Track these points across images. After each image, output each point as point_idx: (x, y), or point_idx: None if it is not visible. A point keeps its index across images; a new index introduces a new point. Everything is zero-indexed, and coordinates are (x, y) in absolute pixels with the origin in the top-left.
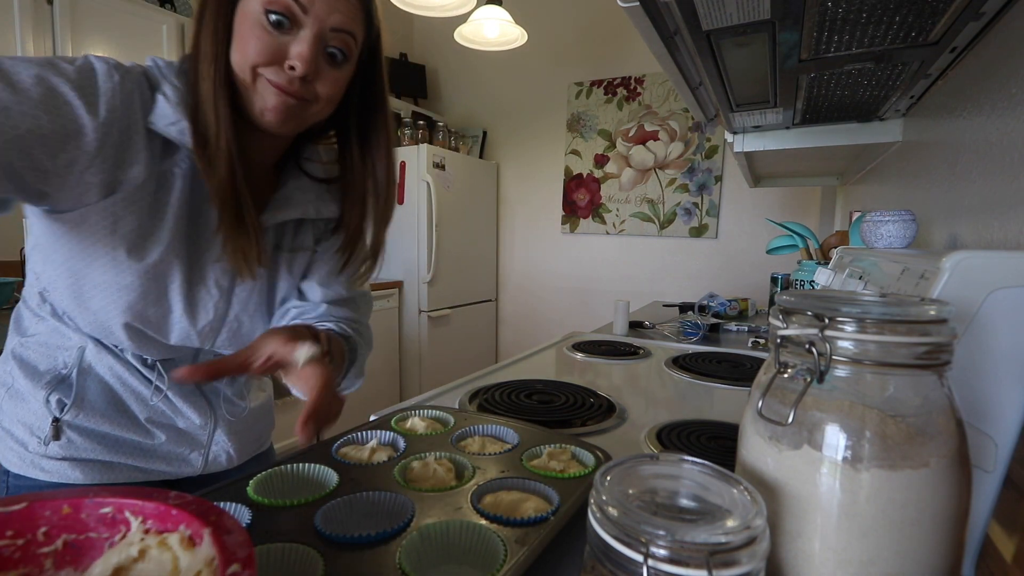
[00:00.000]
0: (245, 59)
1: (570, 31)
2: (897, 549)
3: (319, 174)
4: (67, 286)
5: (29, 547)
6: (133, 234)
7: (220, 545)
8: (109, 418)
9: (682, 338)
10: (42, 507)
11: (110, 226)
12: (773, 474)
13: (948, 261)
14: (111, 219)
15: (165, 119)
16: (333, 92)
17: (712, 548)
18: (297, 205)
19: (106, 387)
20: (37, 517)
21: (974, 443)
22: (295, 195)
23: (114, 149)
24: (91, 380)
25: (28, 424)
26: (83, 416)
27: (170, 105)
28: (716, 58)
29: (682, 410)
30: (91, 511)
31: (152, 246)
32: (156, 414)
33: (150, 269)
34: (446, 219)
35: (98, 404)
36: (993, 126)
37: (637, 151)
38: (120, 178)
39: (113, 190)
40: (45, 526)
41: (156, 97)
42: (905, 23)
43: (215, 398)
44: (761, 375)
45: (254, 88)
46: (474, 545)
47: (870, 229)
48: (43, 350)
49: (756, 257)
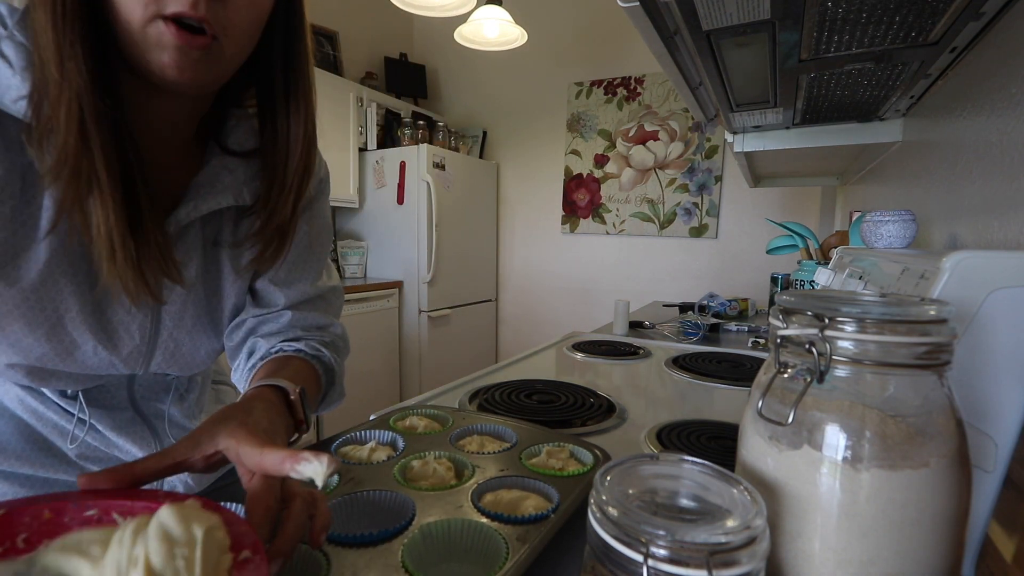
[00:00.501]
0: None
1: (570, 31)
2: (897, 549)
3: (245, 145)
4: None
5: (7, 555)
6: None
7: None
8: (28, 459)
9: (682, 338)
10: (20, 514)
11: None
12: (773, 474)
13: (948, 261)
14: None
15: (10, 92)
16: (249, 20)
17: (712, 548)
18: (225, 190)
19: (20, 424)
20: (16, 524)
21: (974, 443)
22: (221, 177)
23: None
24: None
25: None
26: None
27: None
28: (716, 58)
29: (682, 410)
30: (74, 515)
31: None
32: (88, 449)
33: (30, 295)
34: (446, 219)
35: (11, 444)
36: (993, 126)
37: (637, 151)
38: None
39: None
40: (25, 533)
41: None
42: (905, 23)
43: (159, 423)
44: (761, 375)
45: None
46: (476, 543)
47: (870, 229)
48: None
49: (756, 257)
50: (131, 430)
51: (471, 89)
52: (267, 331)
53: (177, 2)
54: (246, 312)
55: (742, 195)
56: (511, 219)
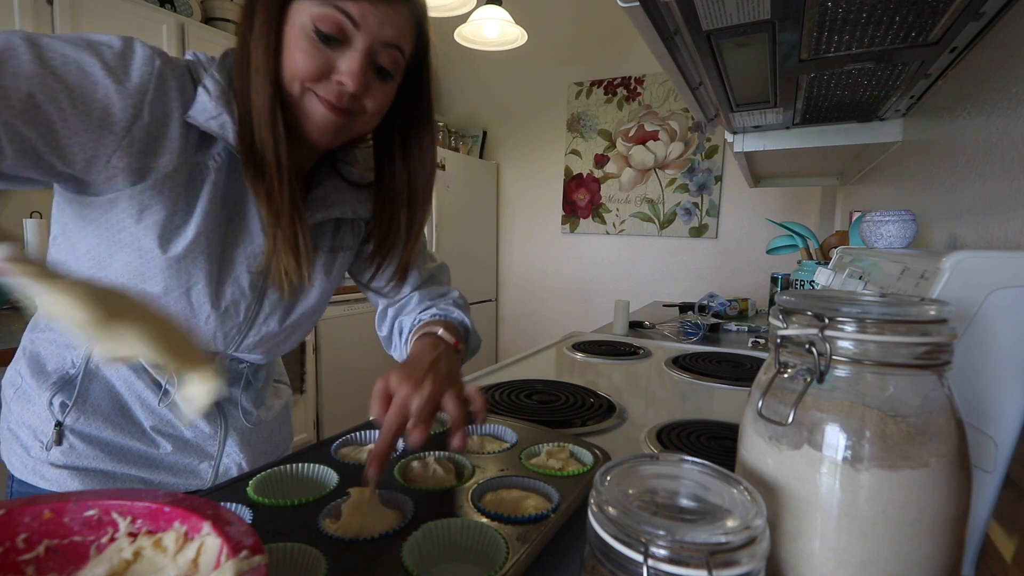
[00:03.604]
0: (294, 74)
1: (570, 31)
2: (897, 549)
3: (354, 178)
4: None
5: (8, 555)
6: (159, 225)
7: (224, 535)
8: (112, 423)
9: (682, 338)
10: (21, 513)
11: (136, 214)
12: (773, 474)
13: (948, 261)
14: (138, 207)
15: (205, 113)
16: (380, 106)
17: (712, 548)
18: (334, 205)
19: (111, 390)
20: (16, 524)
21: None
22: (331, 195)
23: (144, 134)
24: (96, 382)
25: (32, 427)
26: (84, 420)
27: (211, 99)
28: (716, 58)
29: (682, 410)
30: (74, 515)
31: (177, 239)
32: (161, 423)
33: (174, 263)
34: (446, 219)
35: (101, 408)
36: (993, 126)
37: (637, 151)
38: (151, 165)
39: (143, 177)
40: (25, 532)
41: (197, 90)
42: (905, 23)
43: (228, 405)
44: (761, 375)
45: (301, 103)
46: (476, 543)
47: (870, 229)
48: (53, 348)
49: (756, 257)
50: None
51: (471, 89)
52: (406, 312)
53: (326, 91)
54: (383, 302)
55: (742, 195)
56: (511, 219)
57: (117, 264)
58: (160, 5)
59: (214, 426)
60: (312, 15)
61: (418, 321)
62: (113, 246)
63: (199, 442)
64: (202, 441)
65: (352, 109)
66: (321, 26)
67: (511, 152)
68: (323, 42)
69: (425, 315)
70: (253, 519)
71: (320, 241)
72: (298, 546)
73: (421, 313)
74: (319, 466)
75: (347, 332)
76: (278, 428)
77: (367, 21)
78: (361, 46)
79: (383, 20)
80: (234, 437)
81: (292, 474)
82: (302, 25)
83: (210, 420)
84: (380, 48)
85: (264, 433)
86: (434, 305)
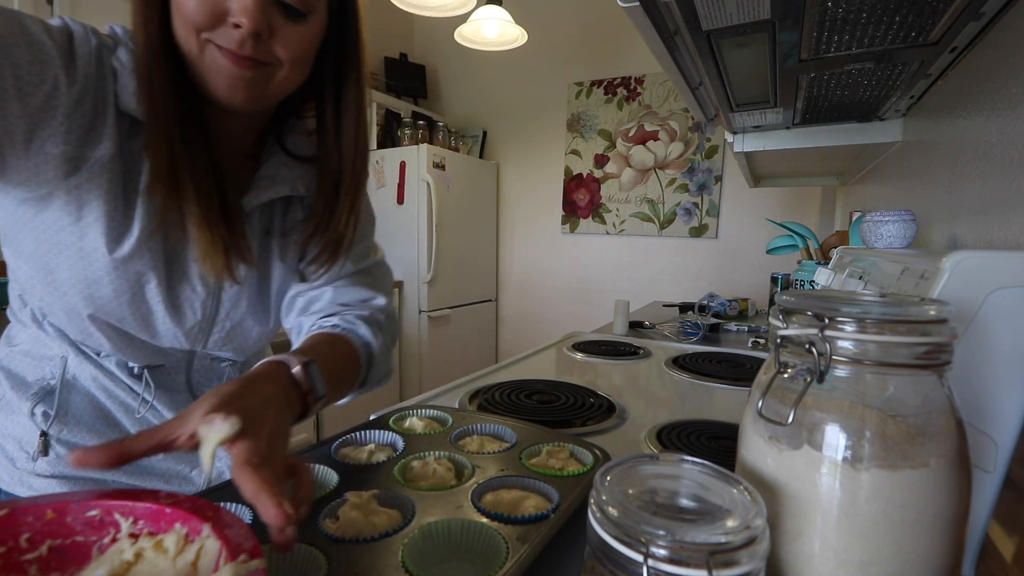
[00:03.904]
0: (185, 24)
1: (570, 31)
2: (897, 549)
3: (303, 151)
4: (41, 281)
5: (11, 555)
6: (100, 223)
7: (223, 538)
8: (97, 432)
9: (682, 338)
10: (24, 513)
11: (75, 211)
12: (773, 474)
13: (948, 261)
14: (76, 203)
15: (126, 89)
16: (297, 53)
17: (712, 548)
18: (282, 183)
19: (92, 399)
20: (19, 524)
21: (974, 443)
22: (280, 172)
23: (83, 120)
24: (76, 392)
25: (17, 438)
26: (69, 430)
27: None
28: (716, 58)
29: (682, 410)
30: (77, 515)
31: (122, 238)
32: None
33: (120, 264)
34: (446, 219)
35: (84, 417)
36: (993, 126)
37: (637, 151)
38: (87, 155)
39: (77, 168)
40: (28, 532)
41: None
42: (905, 23)
43: None
44: (761, 375)
45: (202, 60)
46: (476, 543)
47: (870, 229)
48: (28, 360)
49: (756, 257)
50: None
51: (471, 89)
52: (312, 310)
53: (225, 39)
54: (293, 288)
55: (742, 195)
56: (511, 219)
57: (60, 268)
58: None
59: None
60: None
61: (315, 328)
62: (53, 248)
63: None
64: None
65: (260, 59)
66: None
67: (511, 152)
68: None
69: (326, 323)
70: (253, 520)
71: (271, 223)
72: (298, 546)
73: (323, 319)
74: (319, 466)
75: None
76: None
77: None
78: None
79: None
80: None
81: None
82: None
83: None
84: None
85: None
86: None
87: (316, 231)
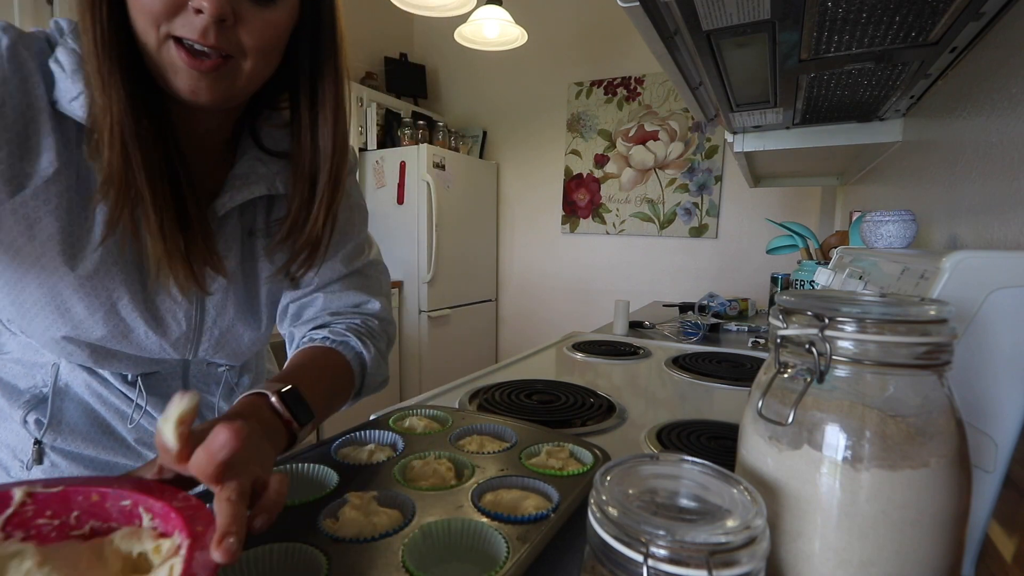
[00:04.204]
0: (144, 13)
1: (570, 31)
2: (897, 549)
3: (279, 146)
4: (10, 303)
5: (63, 528)
6: (57, 239)
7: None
8: (93, 440)
9: (682, 338)
10: (75, 492)
11: (26, 231)
12: (773, 474)
13: (948, 261)
14: (25, 222)
15: (67, 94)
16: (265, 41)
17: (712, 548)
18: (258, 181)
19: (85, 407)
20: (71, 501)
21: (974, 443)
22: (255, 169)
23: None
24: (69, 399)
25: (11, 446)
26: (63, 439)
27: (67, 75)
28: (716, 58)
29: (682, 410)
30: (114, 502)
31: (84, 253)
32: (147, 435)
33: (87, 281)
34: (446, 219)
35: (79, 425)
36: (993, 126)
37: (637, 151)
38: (27, 170)
39: (21, 186)
40: (77, 511)
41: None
42: (905, 23)
43: (209, 414)
44: (761, 375)
45: (161, 54)
46: (476, 543)
47: (870, 229)
48: (19, 368)
49: (756, 257)
50: None
51: (471, 89)
52: (304, 318)
53: (186, 28)
54: (285, 296)
55: (742, 195)
56: (511, 219)
57: (31, 287)
58: None
59: None
60: None
61: (305, 341)
62: (19, 268)
63: None
64: None
65: (224, 50)
66: None
67: (511, 152)
68: None
69: (316, 335)
70: None
71: (253, 223)
72: (298, 546)
73: (313, 330)
74: (319, 466)
75: None
76: None
77: None
78: None
79: None
80: None
81: (292, 474)
82: None
83: None
84: None
85: None
86: (331, 324)
87: (291, 233)
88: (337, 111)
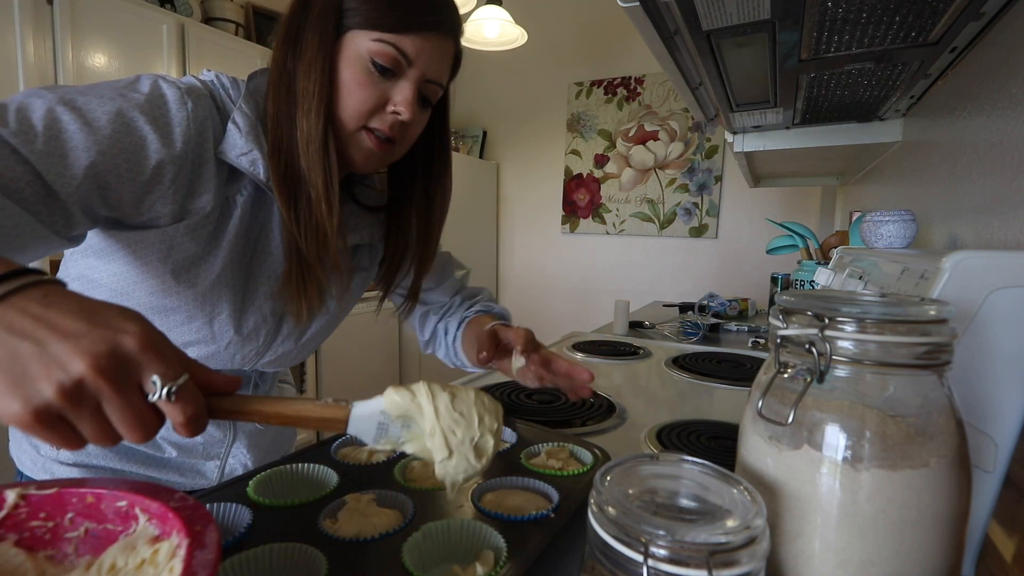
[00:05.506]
0: (355, 109)
1: (570, 31)
2: (897, 549)
3: (371, 202)
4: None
5: (57, 530)
6: (186, 261)
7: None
8: None
9: (682, 338)
10: (70, 494)
11: (165, 251)
12: (773, 474)
13: (948, 261)
14: (167, 245)
15: (236, 149)
16: (417, 132)
17: (712, 548)
18: (352, 232)
19: None
20: (65, 503)
21: (974, 443)
22: (349, 221)
23: (187, 180)
24: None
25: None
26: None
27: (241, 135)
28: (716, 58)
29: (682, 410)
30: (109, 503)
31: (204, 274)
32: (168, 430)
33: (200, 296)
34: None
35: None
36: (993, 126)
37: (637, 151)
38: (189, 207)
39: (181, 218)
40: (71, 512)
41: (227, 127)
42: (905, 23)
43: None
44: (761, 375)
45: (354, 136)
46: (476, 543)
47: (870, 229)
48: None
49: (756, 257)
50: None
51: (471, 89)
52: (451, 314)
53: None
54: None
55: (742, 195)
56: (511, 219)
57: (139, 293)
58: (160, 5)
59: (223, 431)
60: (369, 49)
61: (465, 319)
62: (138, 277)
63: (207, 447)
64: (210, 445)
65: (400, 139)
66: (379, 60)
67: (511, 152)
68: (380, 74)
69: (470, 312)
70: (254, 519)
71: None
72: (298, 546)
73: (466, 312)
74: (319, 466)
75: (348, 333)
76: (283, 428)
77: (420, 57)
78: (413, 77)
79: (432, 56)
80: (242, 440)
81: (292, 474)
82: (358, 56)
83: (220, 425)
84: (425, 83)
85: (270, 433)
86: (477, 303)
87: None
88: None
